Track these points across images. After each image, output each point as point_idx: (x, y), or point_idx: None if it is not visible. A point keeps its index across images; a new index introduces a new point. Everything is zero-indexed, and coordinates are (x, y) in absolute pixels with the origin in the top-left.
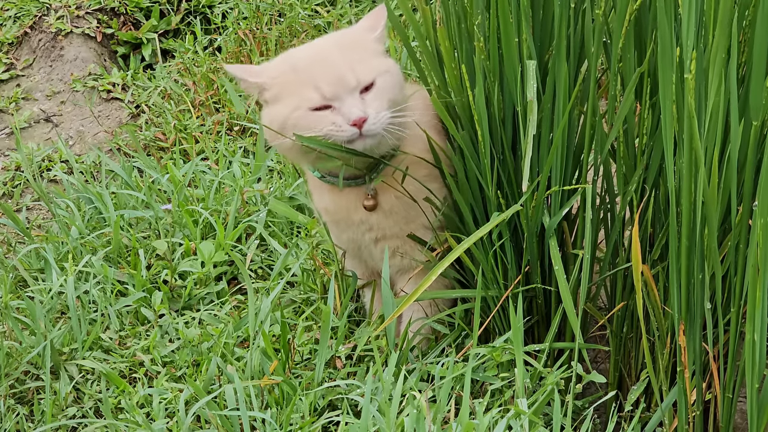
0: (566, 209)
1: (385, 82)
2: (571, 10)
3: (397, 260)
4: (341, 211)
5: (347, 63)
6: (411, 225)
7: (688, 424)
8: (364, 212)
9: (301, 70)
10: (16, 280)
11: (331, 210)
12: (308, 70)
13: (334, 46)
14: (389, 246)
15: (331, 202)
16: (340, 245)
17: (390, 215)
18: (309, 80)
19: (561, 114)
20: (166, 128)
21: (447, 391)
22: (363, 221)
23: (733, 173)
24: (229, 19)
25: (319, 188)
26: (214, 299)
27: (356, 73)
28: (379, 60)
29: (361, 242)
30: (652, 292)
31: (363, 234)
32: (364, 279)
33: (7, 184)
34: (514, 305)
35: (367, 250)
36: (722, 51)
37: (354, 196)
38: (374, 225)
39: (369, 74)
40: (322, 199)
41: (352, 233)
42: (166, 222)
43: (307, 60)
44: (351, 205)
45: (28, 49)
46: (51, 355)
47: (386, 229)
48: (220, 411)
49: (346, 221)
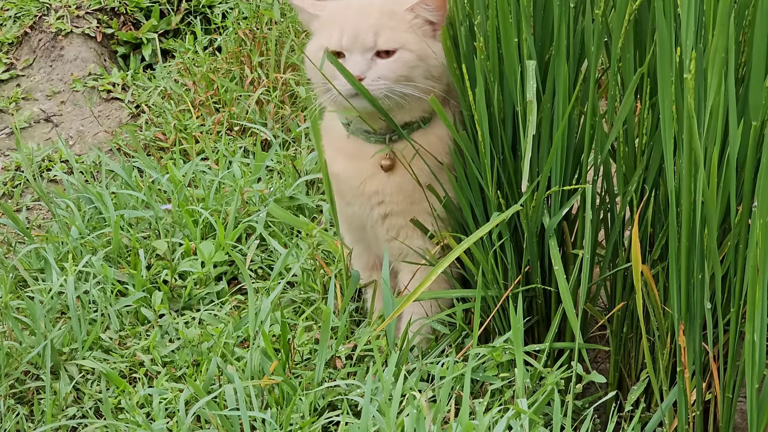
0: (566, 209)
1: (402, 56)
2: (571, 9)
3: (397, 246)
4: (353, 179)
5: (376, 23)
6: (416, 207)
7: (688, 424)
8: (378, 182)
9: (340, 13)
10: (16, 280)
11: (342, 177)
12: (345, 15)
13: (379, 2)
14: (393, 225)
15: (344, 168)
16: (344, 226)
17: (401, 189)
18: (340, 24)
19: (561, 114)
20: (166, 128)
21: (447, 391)
22: (377, 191)
23: (732, 173)
24: (229, 19)
25: (336, 152)
26: (214, 299)
27: (377, 36)
28: (409, 36)
29: (367, 219)
30: (652, 292)
31: (372, 208)
32: (367, 270)
33: (7, 184)
34: (514, 305)
35: (373, 231)
36: (721, 51)
37: (371, 163)
38: (387, 197)
39: (389, 43)
40: (335, 164)
41: (359, 207)
42: (166, 222)
43: (354, 6)
44: (366, 174)
45: (28, 49)
46: (51, 355)
47: (395, 204)
48: (220, 411)
49: (355, 192)
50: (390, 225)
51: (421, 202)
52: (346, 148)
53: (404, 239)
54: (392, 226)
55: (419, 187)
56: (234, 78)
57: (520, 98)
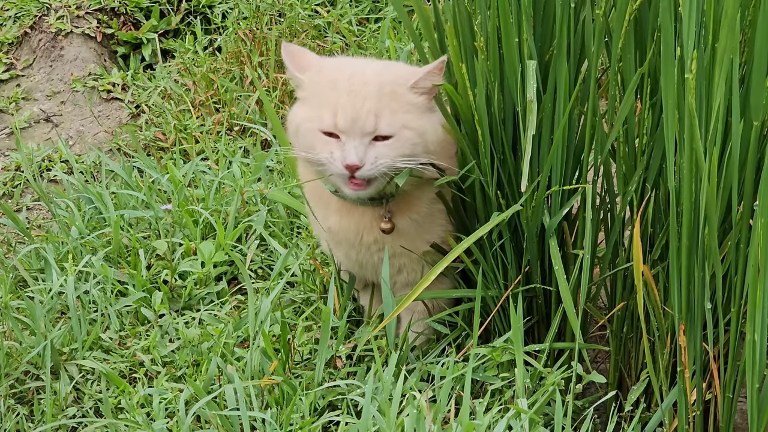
0: (566, 209)
1: (403, 135)
2: (572, 9)
3: (402, 276)
4: (349, 233)
5: (377, 106)
6: (419, 242)
7: (688, 424)
8: (377, 233)
9: (336, 90)
10: (16, 280)
11: (335, 230)
12: (341, 93)
13: (377, 83)
14: (395, 263)
15: (337, 224)
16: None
17: (402, 235)
18: (333, 103)
19: (561, 114)
20: (166, 128)
21: (447, 391)
22: (376, 241)
23: (733, 173)
24: (229, 19)
25: (325, 207)
26: (214, 299)
27: (378, 119)
28: (410, 116)
29: (367, 262)
30: (653, 292)
31: (372, 254)
32: (359, 286)
33: (7, 184)
34: (514, 305)
35: (373, 269)
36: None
37: (367, 218)
38: (388, 243)
39: (391, 127)
40: (327, 220)
41: (356, 254)
42: (166, 222)
43: (348, 83)
44: (363, 228)
45: (28, 49)
46: (51, 355)
47: (398, 247)
48: (220, 411)
49: (352, 242)
50: (392, 264)
51: (430, 234)
52: (334, 205)
53: (399, 272)
54: (394, 265)
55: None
56: (234, 78)
57: (521, 98)
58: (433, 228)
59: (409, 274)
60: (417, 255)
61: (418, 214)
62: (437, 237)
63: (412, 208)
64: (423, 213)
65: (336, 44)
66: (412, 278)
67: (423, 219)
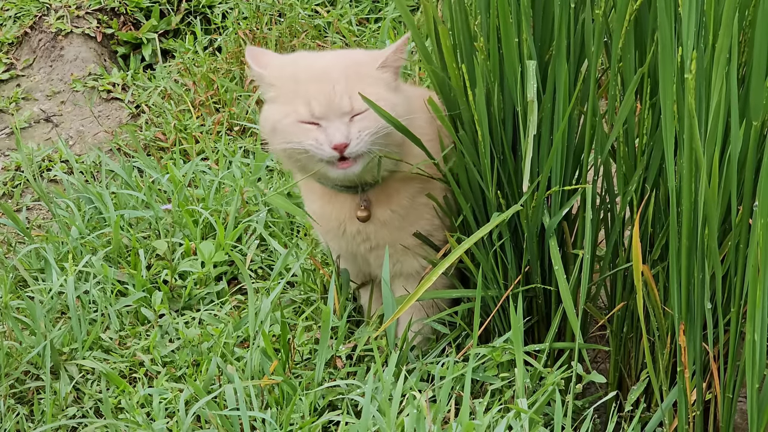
0: (566, 209)
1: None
2: (572, 9)
3: (395, 267)
4: (332, 221)
5: (347, 87)
6: (405, 234)
7: (688, 424)
8: (358, 223)
9: (301, 82)
10: (16, 280)
11: (320, 217)
12: (307, 84)
13: (340, 66)
14: (382, 255)
15: (320, 209)
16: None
17: (385, 226)
18: (303, 94)
19: (561, 114)
20: (166, 128)
21: (447, 391)
22: (359, 231)
23: (733, 173)
24: (229, 19)
25: (311, 193)
26: (214, 299)
27: (352, 100)
28: (380, 90)
29: (356, 251)
30: (652, 292)
31: (358, 245)
32: (358, 281)
33: (7, 184)
34: (514, 305)
35: (363, 259)
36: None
37: (347, 206)
38: (370, 235)
39: (363, 104)
40: (311, 203)
41: (345, 243)
42: (166, 222)
43: (310, 73)
44: (343, 216)
45: (28, 49)
46: (51, 355)
47: (381, 239)
48: (220, 411)
49: (336, 231)
50: (379, 255)
51: (414, 226)
52: (317, 190)
53: (395, 264)
54: (381, 256)
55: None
56: (234, 78)
57: (521, 98)
58: (419, 222)
59: (403, 266)
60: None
61: (399, 207)
62: (423, 231)
63: (392, 200)
64: (404, 206)
65: (336, 44)
66: (407, 269)
67: (406, 212)
